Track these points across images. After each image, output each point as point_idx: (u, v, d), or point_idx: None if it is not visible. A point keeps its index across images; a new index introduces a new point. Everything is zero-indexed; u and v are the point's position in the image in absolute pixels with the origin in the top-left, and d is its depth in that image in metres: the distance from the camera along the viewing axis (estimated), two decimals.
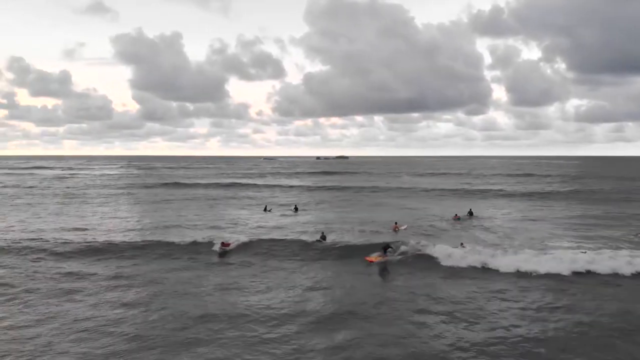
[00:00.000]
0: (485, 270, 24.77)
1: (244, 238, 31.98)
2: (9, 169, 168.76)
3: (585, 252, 27.18)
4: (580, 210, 50.62)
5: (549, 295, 20.93)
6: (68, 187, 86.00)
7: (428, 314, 18.80)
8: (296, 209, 51.87)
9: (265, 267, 26.27)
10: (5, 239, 33.44)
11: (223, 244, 29.31)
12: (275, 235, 34.86)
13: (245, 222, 43.02)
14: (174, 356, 15.32)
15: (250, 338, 16.66)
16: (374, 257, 26.53)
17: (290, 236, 34.27)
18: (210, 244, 30.25)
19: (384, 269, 25.68)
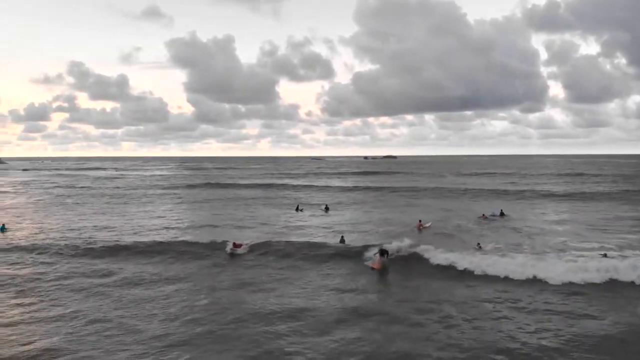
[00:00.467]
0: (488, 275, 24.22)
1: (258, 239, 32.70)
2: (66, 169, 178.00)
3: (605, 255, 26.42)
4: (621, 212, 48.74)
5: (555, 302, 20.40)
6: (117, 187, 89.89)
7: (427, 316, 18.95)
8: (327, 209, 52.52)
9: (273, 268, 26.86)
10: (47, 237, 35.87)
11: (235, 244, 30.09)
12: (296, 235, 35.70)
13: (274, 222, 44.00)
14: (180, 347, 16.30)
15: (251, 333, 17.46)
16: (377, 263, 26.21)
17: (311, 237, 34.99)
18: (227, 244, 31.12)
19: (387, 272, 25.75)
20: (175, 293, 22.30)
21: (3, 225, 41.19)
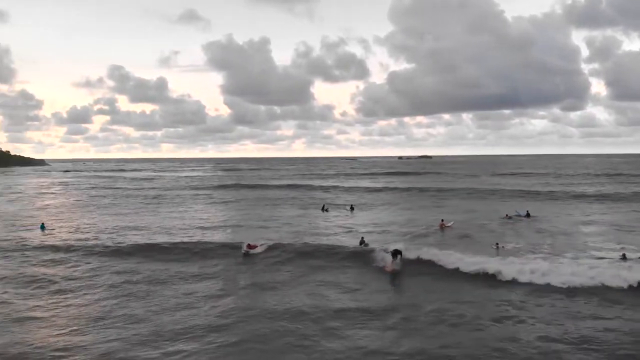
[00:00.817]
0: (499, 276, 23.76)
1: (279, 239, 33.18)
2: (104, 171, 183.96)
3: (623, 256, 26.14)
4: None
5: (563, 304, 20.19)
6: (152, 188, 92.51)
7: (436, 315, 19.15)
8: (352, 209, 53.03)
9: (287, 268, 27.25)
10: (81, 236, 37.76)
11: (249, 245, 30.62)
12: (316, 236, 36.36)
13: (298, 222, 44.78)
14: (197, 342, 17.21)
15: (261, 328, 18.22)
16: (389, 265, 26.23)
17: (331, 237, 35.54)
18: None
19: (399, 272, 25.75)
20: (197, 289, 23.32)
21: (42, 224, 43.53)
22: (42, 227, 42.25)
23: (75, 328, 18.38)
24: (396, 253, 26.35)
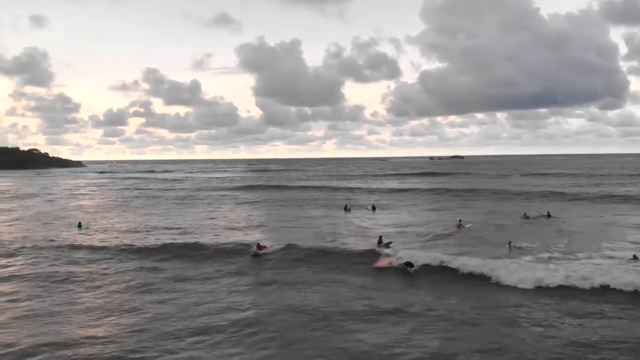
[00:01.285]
0: (499, 279, 23.90)
1: (294, 240, 33.77)
2: (137, 172, 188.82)
3: (634, 257, 26.24)
4: None
5: (565, 308, 20.21)
6: (183, 189, 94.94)
7: (438, 316, 19.59)
8: (374, 209, 53.65)
9: (298, 267, 27.96)
10: (111, 236, 39.67)
11: (258, 246, 31.53)
12: (333, 235, 37.15)
13: (318, 222, 45.55)
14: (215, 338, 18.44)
15: (269, 323, 19.29)
16: (381, 262, 26.95)
17: (347, 237, 36.27)
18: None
19: (409, 276, 26.12)
20: (218, 285, 24.65)
21: (80, 222, 46.04)
22: (79, 226, 44.64)
23: (105, 321, 19.70)
24: (409, 265, 26.64)
